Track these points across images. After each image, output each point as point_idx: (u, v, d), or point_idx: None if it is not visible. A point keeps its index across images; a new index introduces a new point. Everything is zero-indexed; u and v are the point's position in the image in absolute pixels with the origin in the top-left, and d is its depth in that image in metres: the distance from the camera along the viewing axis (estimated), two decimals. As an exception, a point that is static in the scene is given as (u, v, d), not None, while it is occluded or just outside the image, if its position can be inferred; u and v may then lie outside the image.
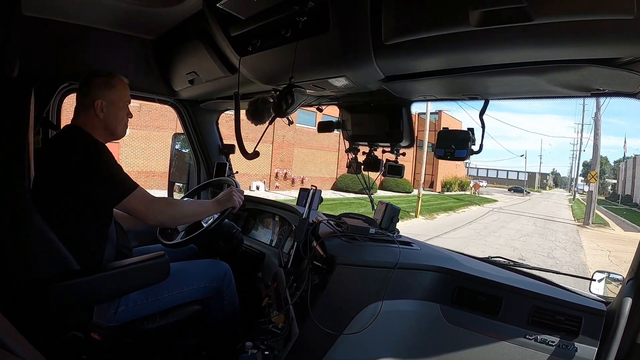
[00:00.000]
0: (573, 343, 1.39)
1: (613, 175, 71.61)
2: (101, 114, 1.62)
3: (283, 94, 1.49)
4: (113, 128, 1.67)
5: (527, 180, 76.16)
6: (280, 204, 2.54)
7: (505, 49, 1.06)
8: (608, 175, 74.39)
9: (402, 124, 1.81)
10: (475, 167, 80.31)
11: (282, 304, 1.73)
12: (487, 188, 56.92)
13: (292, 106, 1.51)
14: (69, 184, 1.48)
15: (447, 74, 1.30)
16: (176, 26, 1.95)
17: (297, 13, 1.29)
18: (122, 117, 1.70)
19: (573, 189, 58.76)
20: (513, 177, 79.57)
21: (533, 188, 74.71)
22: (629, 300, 1.28)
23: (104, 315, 1.56)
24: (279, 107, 1.50)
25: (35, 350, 0.84)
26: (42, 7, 1.78)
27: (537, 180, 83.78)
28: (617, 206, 39.59)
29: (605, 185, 70.28)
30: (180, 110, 2.74)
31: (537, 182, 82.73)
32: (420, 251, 1.77)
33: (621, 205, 40.05)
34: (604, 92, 1.26)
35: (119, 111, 1.67)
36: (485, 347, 1.51)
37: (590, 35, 0.89)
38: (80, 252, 1.48)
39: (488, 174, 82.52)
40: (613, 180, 68.96)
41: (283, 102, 1.49)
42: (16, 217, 1.28)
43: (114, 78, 1.66)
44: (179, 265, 1.79)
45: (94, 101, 1.60)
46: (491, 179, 79.28)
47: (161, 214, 1.66)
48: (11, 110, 1.25)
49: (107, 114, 1.63)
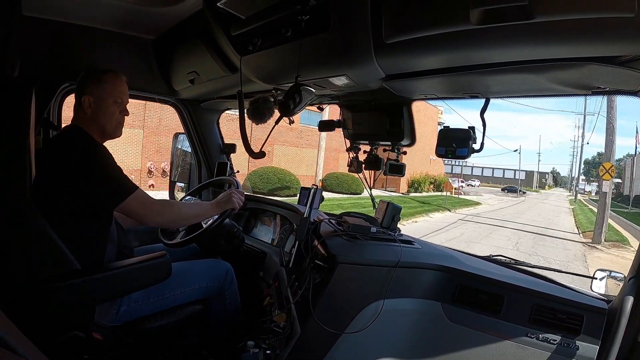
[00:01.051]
0: (574, 341, 1.39)
1: (617, 174, 65.09)
2: (88, 110, 1.62)
3: (290, 92, 1.48)
4: (102, 125, 1.65)
5: (524, 179, 72.44)
6: (281, 203, 2.54)
7: (506, 47, 1.06)
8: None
9: (403, 122, 1.81)
10: (472, 165, 77.98)
11: (284, 303, 1.73)
12: (479, 187, 55.19)
13: (300, 105, 1.50)
14: (69, 184, 1.48)
15: (448, 73, 1.30)
16: (176, 26, 1.95)
17: (299, 12, 1.29)
18: (112, 114, 1.67)
19: (574, 189, 55.30)
20: (509, 176, 76.68)
21: (530, 187, 71.80)
22: (630, 298, 1.28)
23: (106, 314, 1.56)
24: (286, 106, 1.49)
25: (37, 350, 0.84)
26: (42, 7, 1.78)
27: (536, 179, 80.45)
28: (627, 209, 31.47)
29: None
30: (181, 109, 2.74)
31: (535, 181, 79.45)
32: (422, 250, 1.78)
33: (633, 209, 31.97)
34: (604, 90, 1.26)
35: (107, 107, 1.65)
36: (487, 345, 1.51)
37: (591, 33, 0.89)
38: (82, 252, 1.48)
39: (483, 172, 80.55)
40: (616, 179, 62.81)
41: (290, 101, 1.48)
42: (17, 217, 1.29)
43: (106, 74, 1.66)
44: (181, 265, 1.79)
45: (81, 97, 1.61)
46: (486, 178, 78.13)
47: (160, 216, 1.66)
48: (12, 111, 1.25)
49: (94, 110, 1.62)
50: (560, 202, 41.13)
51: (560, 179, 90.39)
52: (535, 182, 79.46)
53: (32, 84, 1.32)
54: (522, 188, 52.16)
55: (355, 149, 2.09)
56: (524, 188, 61.02)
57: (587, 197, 60.36)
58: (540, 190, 73.79)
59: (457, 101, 1.71)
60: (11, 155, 1.25)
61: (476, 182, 56.92)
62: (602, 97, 17.18)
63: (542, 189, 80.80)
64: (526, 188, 63.73)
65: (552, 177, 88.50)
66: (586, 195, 62.93)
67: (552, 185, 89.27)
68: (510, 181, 72.04)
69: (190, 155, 2.90)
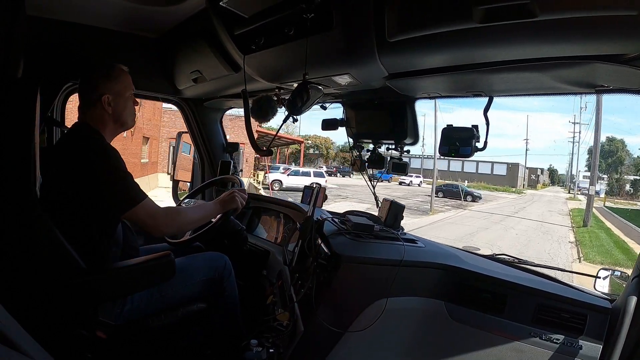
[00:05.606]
0: (578, 341, 1.39)
1: (634, 170, 51.87)
2: (109, 109, 1.61)
3: (298, 91, 1.46)
4: (123, 120, 1.67)
5: (505, 175, 52.61)
6: (284, 201, 2.55)
7: (509, 45, 1.06)
8: (627, 168, 52.89)
9: (406, 121, 1.81)
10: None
11: (287, 302, 1.74)
12: (419, 187, 37.62)
13: (308, 103, 1.48)
14: (78, 184, 1.48)
15: (451, 71, 1.30)
16: (179, 25, 1.95)
17: (303, 10, 1.29)
18: (131, 107, 1.69)
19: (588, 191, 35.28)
20: (486, 171, 53.18)
21: (510, 187, 48.64)
22: (634, 298, 1.27)
23: (110, 313, 1.57)
24: (294, 104, 1.46)
25: (41, 348, 0.85)
26: (45, 7, 1.79)
27: (523, 175, 57.21)
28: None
29: (622, 183, 52.30)
30: (185, 109, 2.74)
31: (521, 178, 55.80)
32: (425, 249, 1.77)
33: None
34: (608, 89, 1.26)
35: (126, 102, 1.67)
36: (490, 344, 1.51)
37: (595, 31, 0.89)
38: (87, 252, 1.48)
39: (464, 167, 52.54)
40: (633, 176, 51.28)
41: (298, 99, 1.45)
42: (23, 216, 1.29)
43: (115, 69, 1.65)
44: (180, 261, 1.79)
45: (101, 96, 1.59)
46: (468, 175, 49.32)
47: (168, 226, 1.65)
48: (17, 110, 1.26)
49: (115, 107, 1.62)
50: (550, 217, 22.18)
51: (558, 177, 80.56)
52: (523, 179, 57.42)
53: (36, 83, 1.32)
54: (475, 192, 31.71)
55: (358, 148, 2.09)
56: (502, 188, 45.33)
57: (603, 202, 33.88)
58: (525, 192, 49.77)
59: (458, 99, 1.66)
60: (17, 155, 1.25)
61: (418, 177, 40.96)
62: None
63: (533, 188, 59.02)
64: (505, 188, 46.58)
65: (549, 174, 79.05)
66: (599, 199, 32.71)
67: (548, 183, 74.07)
68: (487, 177, 51.63)
69: (194, 153, 2.91)
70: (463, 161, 48.69)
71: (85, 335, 1.49)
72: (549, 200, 36.05)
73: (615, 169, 53.87)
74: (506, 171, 53.49)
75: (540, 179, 70.12)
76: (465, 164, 52.70)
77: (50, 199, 1.44)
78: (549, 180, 74.39)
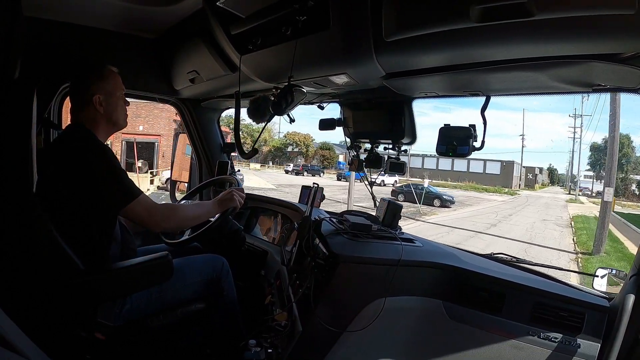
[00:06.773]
0: (576, 339, 1.39)
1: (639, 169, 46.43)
2: (101, 108, 1.62)
3: (283, 92, 1.50)
4: (115, 119, 1.68)
5: (499, 174, 46.12)
6: (282, 201, 2.55)
7: (506, 45, 1.06)
8: (634, 167, 46.50)
9: (403, 120, 1.81)
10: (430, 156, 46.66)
11: (285, 302, 1.74)
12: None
13: (292, 105, 1.52)
14: (76, 186, 1.48)
15: (449, 71, 1.30)
16: (176, 25, 1.95)
17: (297, 11, 1.29)
18: (122, 107, 1.70)
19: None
20: (478, 170, 46.36)
21: (503, 188, 41.21)
22: (631, 296, 1.28)
23: (108, 314, 1.57)
24: (279, 105, 1.51)
25: (39, 350, 0.85)
26: (42, 8, 1.79)
27: (520, 173, 51.05)
28: None
29: (628, 183, 45.73)
30: (182, 109, 2.74)
31: (517, 178, 49.32)
32: (423, 248, 1.77)
33: None
34: (605, 88, 1.26)
35: (117, 101, 1.68)
36: (488, 343, 1.51)
37: (592, 30, 0.89)
38: (85, 252, 1.48)
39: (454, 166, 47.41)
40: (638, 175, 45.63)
41: (283, 101, 1.50)
42: (22, 217, 1.29)
43: (105, 70, 1.66)
44: (178, 261, 1.79)
45: (92, 96, 1.61)
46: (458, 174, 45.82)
47: (165, 221, 1.65)
48: (14, 111, 1.25)
49: (106, 106, 1.63)
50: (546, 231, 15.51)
51: (557, 177, 77.20)
52: (519, 178, 51.03)
53: (33, 84, 1.32)
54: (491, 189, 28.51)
55: (356, 148, 2.09)
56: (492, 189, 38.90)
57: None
58: (520, 192, 43.71)
59: (457, 99, 1.68)
60: (15, 156, 1.25)
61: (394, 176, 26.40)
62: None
63: (530, 189, 52.52)
64: (494, 189, 39.60)
65: (548, 174, 76.59)
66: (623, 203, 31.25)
67: (547, 183, 68.26)
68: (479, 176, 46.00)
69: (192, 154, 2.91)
70: (453, 159, 41.74)
71: (84, 336, 1.49)
72: (546, 204, 30.60)
73: (620, 167, 44.43)
74: (500, 170, 47.55)
75: (538, 179, 64.94)
76: (455, 162, 47.41)
77: (48, 200, 1.44)
78: (549, 180, 72.65)
